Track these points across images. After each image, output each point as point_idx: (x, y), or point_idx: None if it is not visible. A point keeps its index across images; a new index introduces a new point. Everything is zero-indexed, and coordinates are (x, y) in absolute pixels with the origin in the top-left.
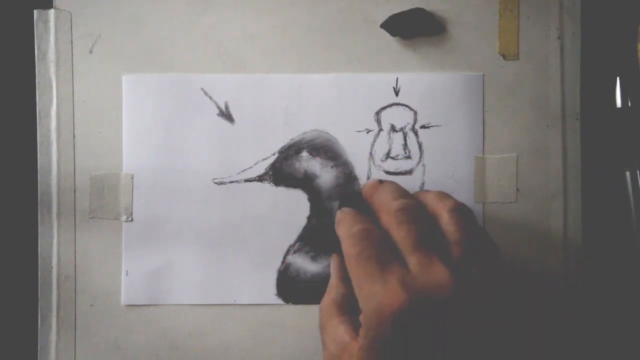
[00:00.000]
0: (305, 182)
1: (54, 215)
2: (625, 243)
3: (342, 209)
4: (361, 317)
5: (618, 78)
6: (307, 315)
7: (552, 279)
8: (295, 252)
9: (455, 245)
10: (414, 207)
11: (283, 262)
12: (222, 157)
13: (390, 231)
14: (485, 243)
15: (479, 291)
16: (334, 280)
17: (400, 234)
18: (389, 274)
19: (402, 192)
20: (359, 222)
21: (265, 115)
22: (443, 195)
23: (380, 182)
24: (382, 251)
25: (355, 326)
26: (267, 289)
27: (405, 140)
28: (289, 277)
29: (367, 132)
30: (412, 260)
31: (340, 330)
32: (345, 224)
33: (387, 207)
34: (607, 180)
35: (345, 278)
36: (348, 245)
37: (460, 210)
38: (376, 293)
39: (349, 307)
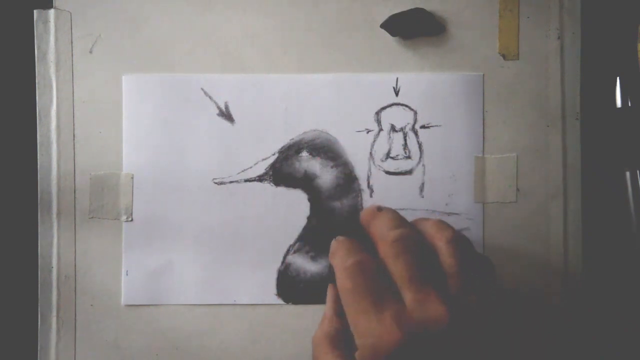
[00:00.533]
0: (305, 182)
1: (54, 215)
2: (625, 243)
3: (337, 237)
4: (357, 354)
5: (618, 78)
6: (307, 315)
7: (552, 279)
8: (295, 252)
9: (452, 278)
10: (411, 238)
11: (283, 262)
12: (222, 157)
13: (386, 262)
14: (482, 269)
15: (475, 324)
16: (328, 312)
17: (396, 267)
18: (384, 309)
19: (399, 221)
20: (354, 254)
21: (265, 115)
22: (441, 225)
23: (379, 209)
24: (376, 286)
25: None
26: (267, 289)
27: (405, 140)
28: (289, 277)
29: (367, 132)
30: (408, 295)
31: None
32: (339, 256)
33: (384, 237)
34: (607, 180)
35: (340, 311)
36: (342, 279)
37: (458, 241)
38: (372, 330)
39: (343, 342)
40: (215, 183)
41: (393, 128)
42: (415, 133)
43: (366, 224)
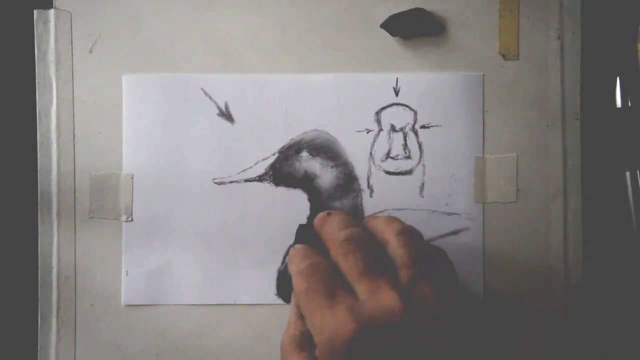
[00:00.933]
0: (305, 182)
1: (54, 215)
2: (625, 243)
3: (295, 246)
4: (316, 351)
5: (618, 78)
6: None
7: (552, 279)
8: None
9: (403, 268)
10: (360, 236)
11: (283, 262)
12: (222, 157)
13: (338, 262)
14: (438, 263)
15: (430, 313)
16: (292, 317)
17: (347, 264)
18: (337, 304)
19: (349, 222)
20: (307, 257)
21: (265, 115)
22: (390, 220)
23: (329, 214)
24: (329, 284)
25: None
26: (267, 289)
27: (405, 140)
28: (289, 277)
29: (367, 132)
30: (360, 288)
31: None
32: (294, 261)
33: (333, 238)
34: (607, 180)
35: (302, 315)
36: (296, 282)
37: (407, 232)
38: (326, 325)
39: (308, 344)
40: (215, 183)
41: (393, 128)
42: (415, 133)
43: (319, 230)
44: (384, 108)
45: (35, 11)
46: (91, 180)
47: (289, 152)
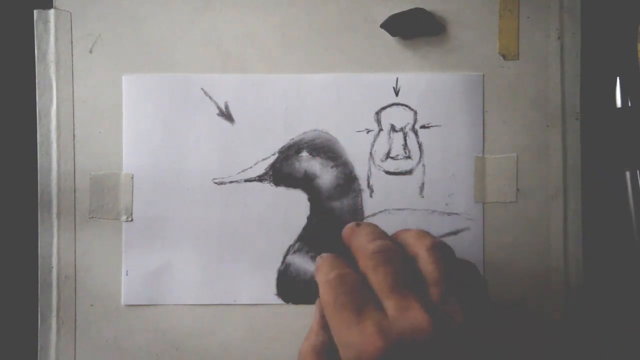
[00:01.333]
0: (305, 182)
1: (54, 215)
2: (625, 243)
3: (322, 254)
4: None
5: (618, 78)
6: (307, 315)
7: (552, 279)
8: (295, 252)
9: (434, 286)
10: (391, 249)
11: (283, 262)
12: (222, 157)
13: (367, 275)
14: (469, 279)
15: (459, 331)
16: (314, 326)
17: (376, 278)
18: (366, 319)
19: (378, 234)
20: (336, 267)
21: (265, 115)
22: (421, 234)
23: (358, 224)
24: (358, 297)
25: None
26: (267, 289)
27: (405, 140)
28: (289, 277)
29: (367, 132)
30: (389, 304)
31: None
32: (322, 270)
33: (363, 250)
34: (607, 180)
35: (326, 325)
36: (324, 293)
37: (438, 248)
38: (354, 341)
39: (328, 355)
40: (215, 183)
41: (393, 128)
42: (415, 133)
43: (347, 241)
44: (384, 108)
45: (35, 11)
46: (91, 180)
47: (289, 152)
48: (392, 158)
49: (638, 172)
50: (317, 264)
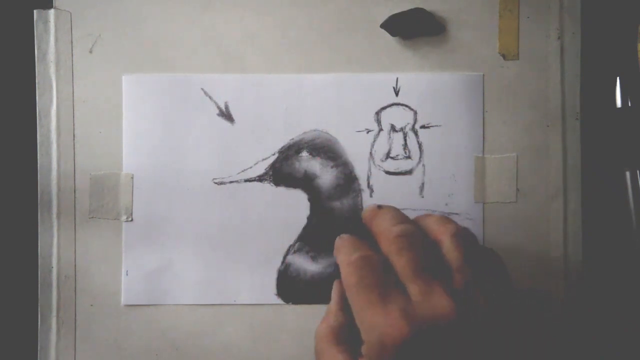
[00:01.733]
0: (305, 182)
1: (54, 215)
2: (625, 243)
3: (341, 235)
4: (363, 348)
5: (618, 78)
6: (307, 315)
7: (552, 279)
8: (295, 252)
9: (458, 272)
10: (414, 233)
11: (283, 262)
12: (222, 157)
13: (390, 258)
14: (491, 266)
15: (483, 318)
16: (333, 307)
17: (400, 262)
18: (390, 303)
19: (401, 218)
20: (358, 249)
21: (265, 115)
22: (444, 220)
23: (380, 207)
24: (382, 280)
25: (353, 356)
26: (267, 289)
27: (405, 140)
28: (289, 277)
29: (367, 132)
30: (413, 289)
31: None
32: (343, 251)
33: (386, 233)
34: (607, 180)
35: (345, 307)
36: (347, 274)
37: (462, 235)
38: (378, 324)
39: (347, 336)
40: (215, 183)
41: (393, 128)
42: (415, 133)
43: (369, 222)
44: (384, 108)
45: (35, 11)
46: (91, 180)
47: (289, 152)
48: (392, 158)
49: (638, 172)
50: (337, 245)
